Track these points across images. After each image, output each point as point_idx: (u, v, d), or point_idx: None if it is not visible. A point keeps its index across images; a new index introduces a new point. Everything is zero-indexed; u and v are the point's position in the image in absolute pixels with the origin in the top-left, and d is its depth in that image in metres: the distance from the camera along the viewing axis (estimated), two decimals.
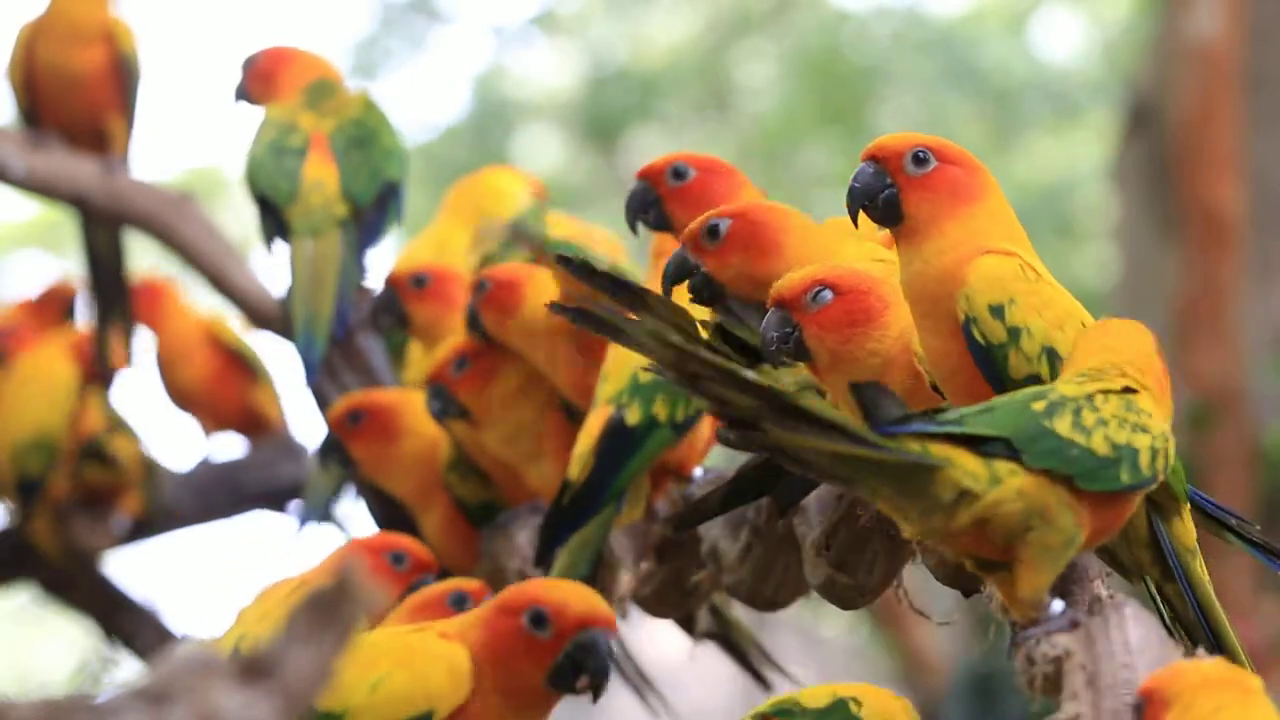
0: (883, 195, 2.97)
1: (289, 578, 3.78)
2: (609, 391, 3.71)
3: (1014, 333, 2.90)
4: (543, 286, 3.93)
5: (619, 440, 3.65)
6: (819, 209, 3.61)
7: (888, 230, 3.01)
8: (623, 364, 3.69)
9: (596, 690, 3.10)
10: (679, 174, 3.52)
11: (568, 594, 3.12)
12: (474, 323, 3.99)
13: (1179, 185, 8.65)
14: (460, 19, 15.71)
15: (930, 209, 2.96)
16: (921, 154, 2.98)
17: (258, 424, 5.84)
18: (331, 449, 4.22)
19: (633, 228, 3.58)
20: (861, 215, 2.99)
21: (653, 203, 3.54)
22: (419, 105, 20.26)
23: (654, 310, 2.97)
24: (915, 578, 3.48)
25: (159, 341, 5.82)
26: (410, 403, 4.24)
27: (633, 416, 3.66)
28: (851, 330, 3.01)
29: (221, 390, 5.79)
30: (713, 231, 3.21)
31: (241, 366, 5.82)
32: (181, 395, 5.83)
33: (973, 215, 2.96)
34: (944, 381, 2.95)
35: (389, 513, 4.38)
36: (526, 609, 3.09)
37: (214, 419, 5.83)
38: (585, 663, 3.08)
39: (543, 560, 3.69)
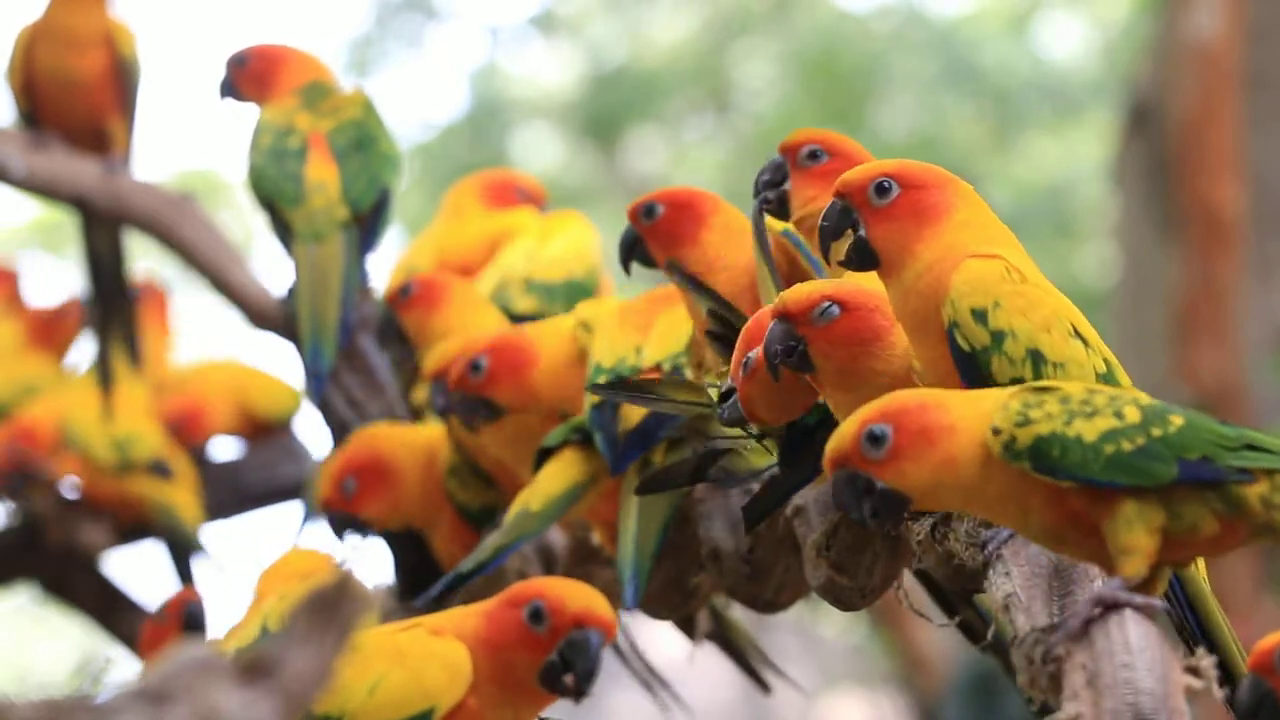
0: (851, 245, 2.98)
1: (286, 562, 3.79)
2: (654, 356, 3.72)
3: (997, 336, 2.89)
4: (546, 332, 3.95)
5: None
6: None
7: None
8: (669, 332, 3.71)
9: (580, 691, 3.13)
10: (649, 213, 3.63)
11: (568, 592, 3.17)
12: (474, 408, 3.94)
13: (1179, 185, 8.65)
14: (457, 17, 15.71)
15: (899, 238, 2.96)
16: (885, 184, 2.98)
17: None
18: (342, 524, 4.20)
19: (626, 269, 3.69)
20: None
21: (635, 241, 3.65)
22: (416, 104, 20.27)
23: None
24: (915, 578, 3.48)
25: None
26: (392, 439, 4.22)
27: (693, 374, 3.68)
28: (860, 347, 3.01)
29: None
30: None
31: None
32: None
33: (941, 233, 2.96)
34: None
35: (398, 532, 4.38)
36: (527, 603, 3.14)
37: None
38: (574, 661, 3.12)
39: (617, 471, 3.66)
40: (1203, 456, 2.62)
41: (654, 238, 3.61)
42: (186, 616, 3.97)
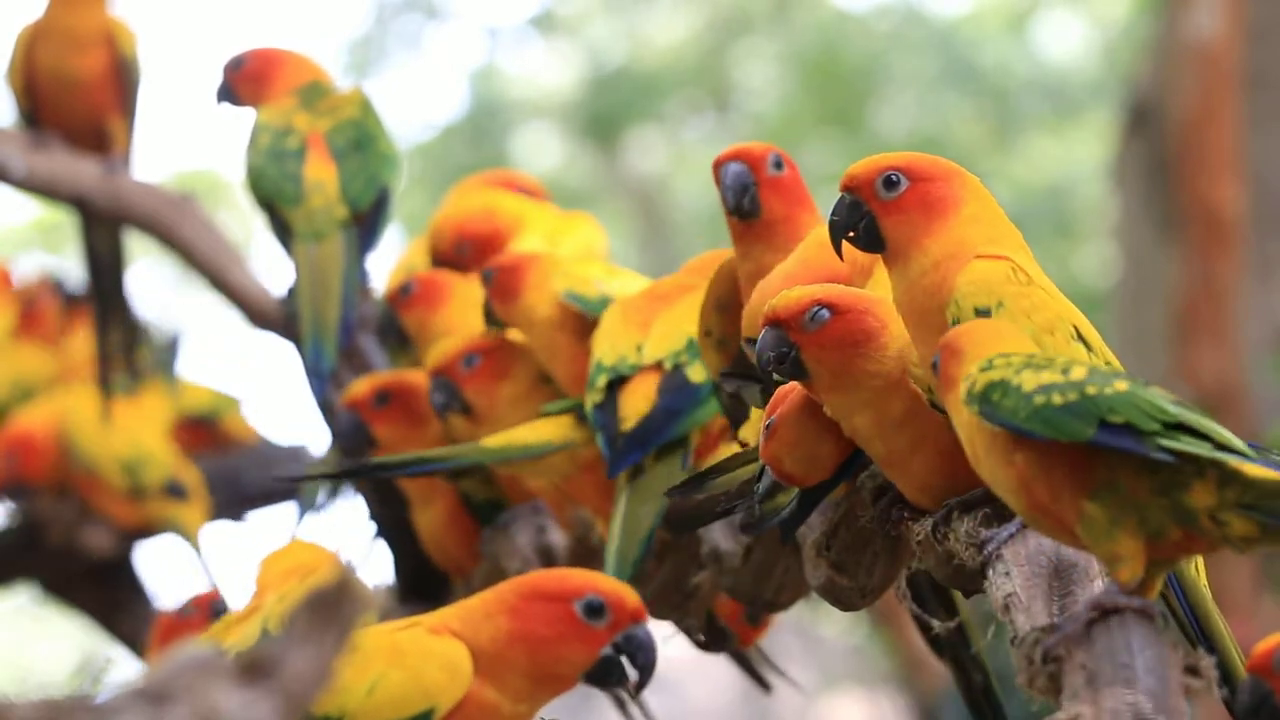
0: (861, 225, 2.98)
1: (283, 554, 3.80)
2: (655, 354, 3.70)
3: None
4: (546, 272, 3.96)
5: (683, 392, 3.65)
6: (819, 209, 3.61)
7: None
8: (671, 330, 3.70)
9: (642, 685, 3.04)
10: (778, 164, 3.53)
11: (617, 585, 3.07)
12: (489, 314, 4.02)
13: (1179, 185, 8.65)
14: (457, 17, 15.72)
15: (908, 230, 2.95)
16: (893, 177, 2.97)
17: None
18: (353, 431, 4.22)
19: (740, 208, 3.48)
20: (849, 245, 3.02)
21: (748, 186, 3.50)
22: (416, 104, 20.29)
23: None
24: None
25: None
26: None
27: (697, 375, 3.66)
28: (853, 350, 3.00)
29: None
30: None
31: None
32: None
33: (950, 228, 2.95)
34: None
35: (386, 511, 4.38)
36: (579, 596, 3.02)
37: None
38: (636, 656, 3.03)
39: (614, 473, 3.64)
40: (1126, 422, 2.55)
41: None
42: (213, 614, 3.94)
